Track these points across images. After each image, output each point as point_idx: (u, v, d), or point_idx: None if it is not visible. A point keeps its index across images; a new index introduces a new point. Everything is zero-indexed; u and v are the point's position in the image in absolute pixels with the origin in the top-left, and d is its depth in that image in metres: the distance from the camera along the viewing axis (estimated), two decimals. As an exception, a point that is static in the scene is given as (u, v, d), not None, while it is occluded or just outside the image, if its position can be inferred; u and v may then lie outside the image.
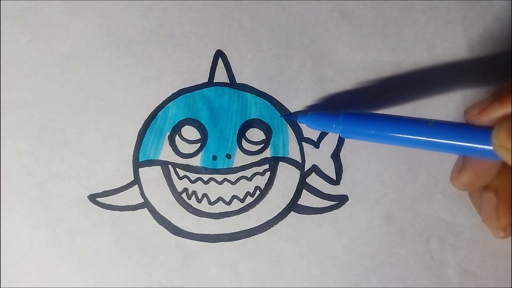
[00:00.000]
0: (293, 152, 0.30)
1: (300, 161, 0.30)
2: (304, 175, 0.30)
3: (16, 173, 0.29)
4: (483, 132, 0.22)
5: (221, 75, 0.30)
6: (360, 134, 0.26)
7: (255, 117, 0.30)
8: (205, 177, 0.29)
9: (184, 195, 0.29)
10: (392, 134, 0.24)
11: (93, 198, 0.29)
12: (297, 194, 0.29)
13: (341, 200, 0.29)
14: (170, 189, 0.30)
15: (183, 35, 0.30)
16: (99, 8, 0.30)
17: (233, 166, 0.30)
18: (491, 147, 0.22)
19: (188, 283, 0.29)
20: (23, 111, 0.30)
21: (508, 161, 0.21)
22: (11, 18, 0.30)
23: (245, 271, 0.29)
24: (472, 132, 0.23)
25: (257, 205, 0.29)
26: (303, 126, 0.30)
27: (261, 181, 0.30)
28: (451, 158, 0.28)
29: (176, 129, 0.30)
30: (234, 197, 0.29)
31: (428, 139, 0.23)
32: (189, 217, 0.29)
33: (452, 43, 0.30)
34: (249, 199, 0.29)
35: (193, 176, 0.30)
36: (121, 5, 0.30)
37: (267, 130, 0.30)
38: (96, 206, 0.29)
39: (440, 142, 0.23)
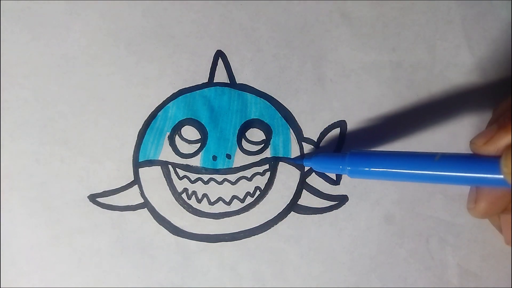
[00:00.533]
0: (293, 152, 0.30)
1: (300, 161, 0.30)
2: (304, 175, 0.30)
3: (16, 173, 0.29)
4: (491, 162, 0.22)
5: (221, 75, 0.30)
6: (368, 173, 0.26)
7: (255, 117, 0.30)
8: (205, 177, 0.29)
9: (184, 195, 0.29)
10: (400, 171, 0.24)
11: (93, 198, 0.29)
12: (297, 194, 0.29)
13: (341, 200, 0.29)
14: (170, 189, 0.30)
15: (183, 35, 0.30)
16: (99, 8, 0.30)
17: (233, 166, 0.30)
18: (501, 176, 0.22)
19: (188, 283, 0.29)
20: (23, 111, 0.30)
21: None
22: (11, 18, 0.30)
23: (245, 271, 0.29)
24: (480, 162, 0.22)
25: (257, 205, 0.29)
26: (303, 126, 0.30)
27: (261, 181, 0.30)
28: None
29: (176, 129, 0.30)
30: (234, 197, 0.29)
31: (436, 173, 0.23)
32: (189, 217, 0.29)
33: (452, 43, 0.30)
34: (249, 199, 0.29)
35: (193, 176, 0.30)
36: (121, 5, 0.30)
37: (267, 130, 0.30)
38: (96, 206, 0.29)
39: (449, 175, 0.23)
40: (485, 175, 0.22)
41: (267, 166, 0.30)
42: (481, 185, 0.24)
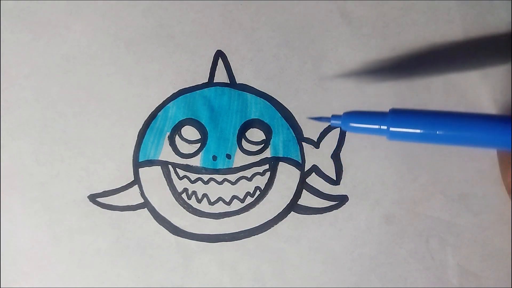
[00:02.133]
0: (293, 152, 0.30)
1: (300, 161, 0.30)
2: (304, 175, 0.30)
3: (16, 173, 0.29)
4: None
5: (221, 75, 0.30)
6: (410, 136, 0.22)
7: (255, 117, 0.30)
8: (205, 177, 0.29)
9: (184, 195, 0.29)
10: (450, 131, 0.22)
11: (93, 198, 0.29)
12: (297, 194, 0.29)
13: (341, 200, 0.29)
14: (170, 189, 0.30)
15: (183, 35, 0.30)
16: (99, 8, 0.30)
17: (233, 166, 0.30)
18: None
19: (188, 283, 0.29)
20: (23, 111, 0.30)
21: None
22: (11, 18, 0.30)
23: (245, 271, 0.29)
24: None
25: (257, 205, 0.29)
26: (303, 126, 0.30)
27: (261, 181, 0.30)
28: (451, 158, 0.28)
29: (176, 129, 0.30)
30: (234, 197, 0.29)
31: (491, 135, 0.21)
32: (189, 217, 0.29)
33: (452, 43, 0.30)
34: (249, 199, 0.29)
35: (193, 176, 0.30)
36: (121, 5, 0.30)
37: (267, 130, 0.30)
38: (96, 206, 0.29)
39: (497, 137, 0.21)
40: None
41: (267, 166, 0.30)
42: None
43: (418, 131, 0.22)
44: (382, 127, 0.23)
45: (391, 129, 0.23)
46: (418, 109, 0.24)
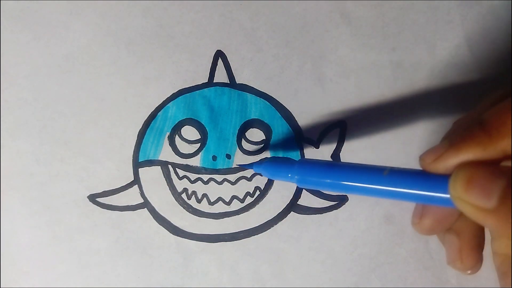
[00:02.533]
0: (293, 152, 0.30)
1: (300, 161, 0.30)
2: (304, 175, 0.30)
3: (16, 173, 0.29)
4: (440, 181, 0.21)
5: (221, 75, 0.30)
6: (316, 183, 0.25)
7: (255, 117, 0.30)
8: (205, 177, 0.29)
9: (184, 195, 0.29)
10: (348, 183, 0.23)
11: (93, 198, 0.29)
12: (297, 194, 0.29)
13: (341, 200, 0.29)
14: (170, 189, 0.30)
15: (183, 35, 0.30)
16: (99, 8, 0.30)
17: (233, 166, 0.30)
18: (449, 196, 0.20)
19: (188, 283, 0.29)
20: (23, 111, 0.30)
21: (467, 213, 0.20)
22: (11, 18, 0.30)
23: (245, 271, 0.29)
24: (428, 180, 0.21)
25: (257, 205, 0.29)
26: (303, 126, 0.30)
27: (261, 181, 0.30)
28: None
29: (176, 129, 0.30)
30: (234, 197, 0.29)
31: (384, 188, 0.22)
32: (189, 217, 0.29)
33: (452, 43, 0.30)
34: (249, 199, 0.29)
35: (193, 176, 0.30)
36: (121, 5, 0.30)
37: (267, 130, 0.30)
38: (96, 206, 0.29)
39: (397, 191, 0.21)
40: (433, 194, 0.21)
41: (267, 166, 0.30)
42: (428, 203, 0.23)
43: (324, 181, 0.24)
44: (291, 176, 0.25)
45: (298, 181, 0.25)
46: (325, 161, 0.27)
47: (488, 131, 0.20)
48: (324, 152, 0.30)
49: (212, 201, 0.29)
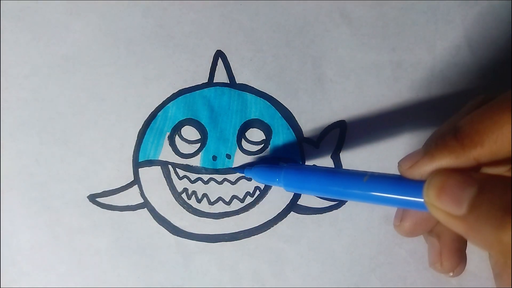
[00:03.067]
0: (293, 152, 0.30)
1: (300, 161, 0.30)
2: (304, 175, 0.29)
3: (16, 173, 0.29)
4: (416, 186, 0.21)
5: (221, 75, 0.30)
6: (301, 188, 0.26)
7: (255, 117, 0.30)
8: (205, 177, 0.29)
9: (184, 195, 0.29)
10: (329, 188, 0.24)
11: (93, 198, 0.29)
12: (297, 194, 0.29)
13: (341, 200, 0.29)
14: (170, 189, 0.30)
15: (183, 35, 0.30)
16: (99, 8, 0.30)
17: (233, 166, 0.30)
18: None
19: (188, 283, 0.29)
20: (23, 111, 0.30)
21: (439, 218, 0.20)
22: (11, 18, 0.30)
23: (245, 271, 0.29)
24: (405, 186, 0.22)
25: (257, 205, 0.29)
26: (303, 126, 0.30)
27: (261, 181, 0.30)
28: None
29: (176, 129, 0.30)
30: (234, 197, 0.29)
31: (363, 192, 0.23)
32: (189, 217, 0.29)
33: (452, 43, 0.30)
34: (249, 199, 0.29)
35: (193, 176, 0.30)
36: (121, 5, 0.30)
37: (267, 130, 0.30)
38: (96, 206, 0.29)
39: (376, 195, 0.22)
40: (410, 199, 0.22)
41: (267, 166, 0.30)
42: (406, 208, 0.24)
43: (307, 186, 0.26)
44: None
45: (285, 185, 0.27)
46: (310, 166, 0.28)
47: (461, 140, 0.20)
48: (324, 152, 0.30)
49: (212, 201, 0.29)
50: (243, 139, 0.30)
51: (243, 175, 0.29)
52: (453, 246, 0.25)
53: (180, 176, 0.30)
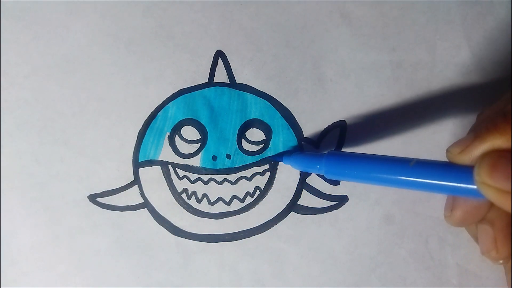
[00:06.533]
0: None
1: (300, 161, 0.30)
2: (304, 175, 0.30)
3: (16, 173, 0.29)
4: (466, 171, 0.21)
5: (221, 75, 0.30)
6: (343, 174, 0.26)
7: (255, 117, 0.30)
8: (205, 177, 0.29)
9: (184, 195, 0.29)
10: (374, 175, 0.24)
11: (93, 198, 0.29)
12: (297, 194, 0.29)
13: (341, 200, 0.29)
14: (170, 189, 0.30)
15: (183, 35, 0.30)
16: (99, 8, 0.30)
17: (233, 166, 0.30)
18: (475, 187, 0.21)
19: (188, 283, 0.29)
20: (23, 111, 0.30)
21: (492, 198, 0.20)
22: (11, 18, 0.30)
23: (245, 271, 0.29)
24: (455, 171, 0.22)
25: (257, 205, 0.29)
26: (303, 126, 0.30)
27: (261, 181, 0.30)
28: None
29: (176, 129, 0.30)
30: (234, 197, 0.29)
31: (410, 179, 0.23)
32: (189, 217, 0.29)
33: (452, 43, 0.30)
34: (249, 199, 0.29)
35: (193, 176, 0.30)
36: (121, 5, 0.30)
37: (267, 130, 0.30)
38: (96, 206, 0.29)
39: (423, 182, 0.22)
40: (459, 185, 0.21)
41: (267, 166, 0.30)
42: (455, 195, 0.24)
43: (349, 173, 0.25)
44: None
45: (326, 172, 0.26)
46: (353, 153, 0.27)
47: (511, 122, 0.21)
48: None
49: (212, 201, 0.29)
50: (243, 139, 0.30)
51: (243, 175, 0.29)
52: (507, 231, 0.25)
53: (180, 176, 0.30)
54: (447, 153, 0.23)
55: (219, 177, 0.29)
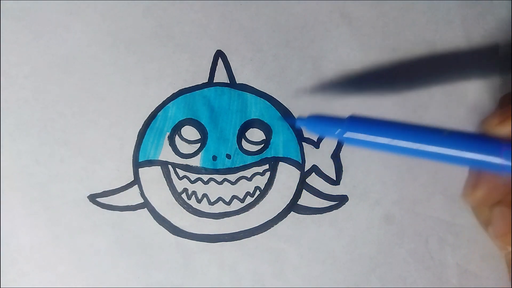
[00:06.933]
0: (293, 152, 0.30)
1: (300, 161, 0.30)
2: (304, 175, 0.30)
3: (16, 173, 0.29)
4: (503, 145, 0.20)
5: (221, 75, 0.30)
6: (367, 142, 0.23)
7: (255, 117, 0.30)
8: (205, 177, 0.29)
9: (184, 195, 0.29)
10: (403, 143, 0.21)
11: (93, 198, 0.29)
12: (297, 194, 0.29)
13: (341, 200, 0.29)
14: (170, 189, 0.30)
15: (183, 35, 0.30)
16: (99, 8, 0.30)
17: (233, 166, 0.30)
18: (507, 162, 0.20)
19: (188, 283, 0.29)
20: (23, 111, 0.30)
21: None
22: (11, 18, 0.30)
23: (245, 271, 0.29)
24: (491, 144, 0.20)
25: (257, 205, 0.29)
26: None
27: (261, 181, 0.30)
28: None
29: (176, 129, 0.30)
30: (234, 197, 0.29)
31: (442, 149, 0.21)
32: (189, 217, 0.29)
33: (452, 43, 0.30)
34: (249, 199, 0.29)
35: (193, 176, 0.30)
36: (121, 5, 0.30)
37: (267, 130, 0.30)
38: (96, 206, 0.29)
39: (455, 155, 0.20)
40: (493, 159, 0.20)
41: (267, 166, 0.30)
42: (487, 169, 0.21)
43: (372, 138, 0.22)
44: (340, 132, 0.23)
45: (347, 134, 0.23)
46: (378, 119, 0.24)
47: None
48: (324, 152, 0.30)
49: (212, 201, 0.29)
50: (243, 139, 0.30)
51: (243, 175, 0.29)
52: None
53: (180, 176, 0.30)
54: (483, 124, 0.21)
55: (219, 177, 0.29)
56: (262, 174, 0.30)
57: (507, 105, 0.21)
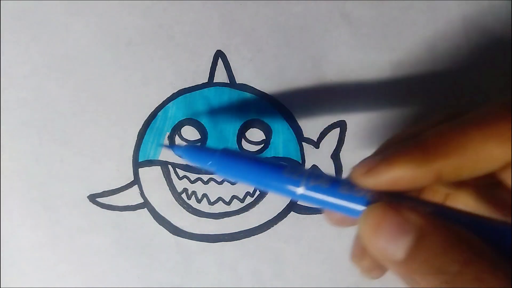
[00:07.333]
0: (293, 152, 0.30)
1: (300, 161, 0.30)
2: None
3: (16, 173, 0.29)
4: (359, 200, 0.19)
5: (221, 75, 0.30)
6: (234, 176, 0.22)
7: (255, 117, 0.30)
8: (205, 177, 0.29)
9: (184, 195, 0.29)
10: (263, 182, 0.21)
11: (93, 198, 0.29)
12: (297, 194, 0.29)
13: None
14: (170, 189, 0.30)
15: (183, 35, 0.30)
16: (99, 8, 0.30)
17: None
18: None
19: (188, 283, 0.29)
20: (23, 111, 0.30)
21: (376, 256, 0.18)
22: (11, 18, 0.30)
23: (245, 271, 0.29)
24: (348, 197, 0.20)
25: (257, 205, 0.29)
26: (303, 126, 0.30)
27: (261, 181, 0.30)
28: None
29: (176, 129, 0.30)
30: (234, 197, 0.29)
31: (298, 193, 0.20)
32: (189, 217, 0.29)
33: (452, 43, 0.30)
34: (249, 199, 0.29)
35: (193, 176, 0.30)
36: (121, 5, 0.30)
37: (267, 130, 0.30)
38: (96, 206, 0.29)
39: (315, 198, 0.20)
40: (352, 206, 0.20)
41: (267, 166, 0.30)
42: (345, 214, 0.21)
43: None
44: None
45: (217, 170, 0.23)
46: (249, 155, 0.25)
47: (425, 149, 0.18)
48: (324, 152, 0.30)
49: (212, 201, 0.29)
50: (243, 139, 0.30)
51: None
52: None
53: (180, 176, 0.30)
54: (352, 171, 0.20)
55: (219, 177, 0.29)
56: (262, 174, 0.30)
57: (382, 152, 0.20)
